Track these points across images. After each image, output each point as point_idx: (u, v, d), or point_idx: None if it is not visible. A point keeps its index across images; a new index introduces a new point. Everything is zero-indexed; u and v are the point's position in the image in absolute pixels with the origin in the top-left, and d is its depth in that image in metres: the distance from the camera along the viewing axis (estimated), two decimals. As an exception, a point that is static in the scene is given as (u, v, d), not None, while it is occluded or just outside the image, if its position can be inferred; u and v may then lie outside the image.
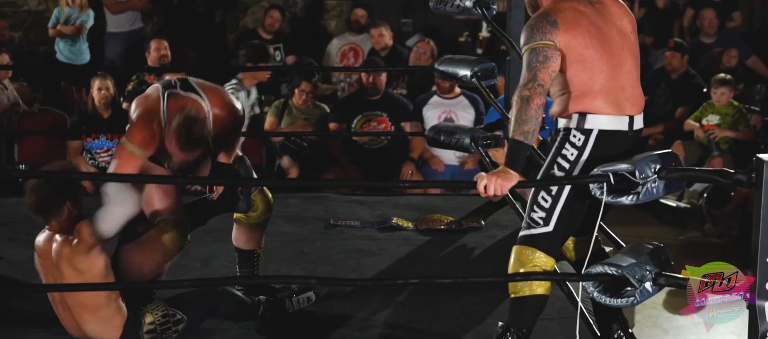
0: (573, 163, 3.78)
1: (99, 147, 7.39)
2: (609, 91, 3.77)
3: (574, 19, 3.76)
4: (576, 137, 3.78)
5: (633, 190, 3.62)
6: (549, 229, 3.77)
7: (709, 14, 9.82)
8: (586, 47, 3.75)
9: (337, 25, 10.37)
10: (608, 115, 3.77)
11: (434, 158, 7.65)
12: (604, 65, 3.76)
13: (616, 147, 3.78)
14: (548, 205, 3.77)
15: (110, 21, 9.45)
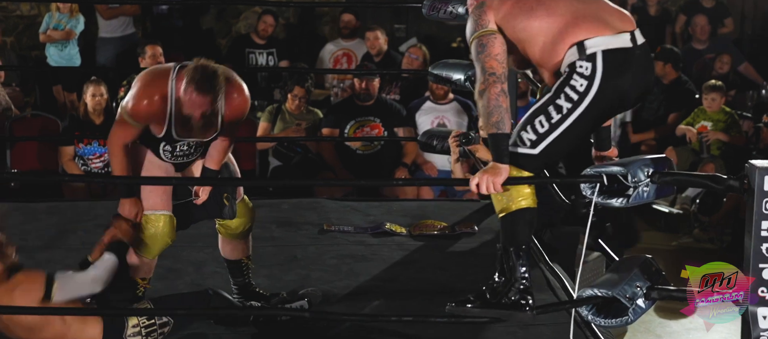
0: (582, 93, 3.68)
1: (91, 153, 7.38)
2: (586, 15, 3.70)
3: None
4: (582, 67, 3.68)
5: (624, 193, 3.62)
6: (534, 152, 3.74)
7: (701, 20, 9.84)
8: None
9: (331, 30, 10.37)
10: (605, 35, 3.69)
11: (427, 163, 7.65)
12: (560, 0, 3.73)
13: (625, 68, 3.68)
14: (542, 131, 3.72)
15: (102, 26, 9.44)
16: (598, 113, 3.72)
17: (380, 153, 7.66)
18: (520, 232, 3.77)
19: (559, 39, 3.70)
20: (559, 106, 3.69)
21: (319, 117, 7.83)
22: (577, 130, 3.71)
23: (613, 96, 3.68)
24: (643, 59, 3.75)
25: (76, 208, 6.03)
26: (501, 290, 3.80)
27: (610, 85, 3.66)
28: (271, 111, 7.83)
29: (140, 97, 4.08)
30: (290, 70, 8.53)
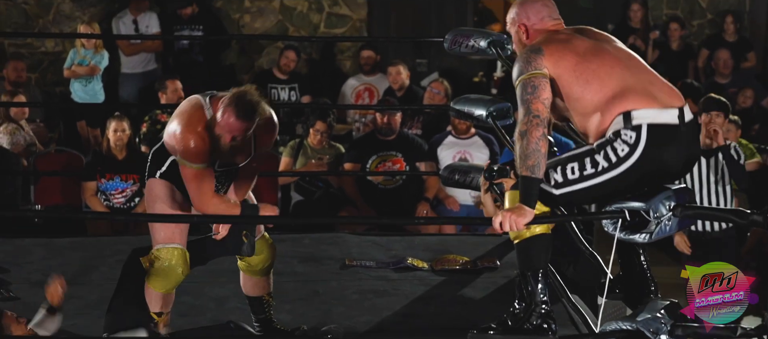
0: (621, 159, 3.68)
1: (114, 188, 7.40)
2: (636, 89, 3.71)
3: (560, 43, 3.79)
4: (627, 135, 3.68)
5: (646, 229, 3.60)
6: (554, 193, 3.76)
7: (724, 55, 9.82)
8: (580, 63, 3.73)
9: (352, 65, 10.41)
10: (652, 109, 3.69)
11: (449, 198, 7.64)
12: (614, 69, 3.73)
13: (670, 144, 3.68)
14: (570, 178, 3.73)
15: (124, 62, 9.52)
16: (634, 181, 3.72)
17: (402, 187, 7.65)
18: (535, 257, 3.78)
19: (606, 110, 3.72)
20: (596, 162, 3.71)
21: (341, 151, 7.84)
22: (605, 189, 3.73)
23: (653, 167, 3.68)
24: (689, 136, 3.76)
25: (98, 244, 6.04)
26: (522, 316, 3.80)
27: (651, 158, 3.67)
28: (293, 146, 7.85)
29: (189, 138, 4.09)
30: (312, 106, 8.56)
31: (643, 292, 3.99)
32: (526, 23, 3.96)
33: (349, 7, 10.42)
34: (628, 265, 4.03)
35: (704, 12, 10.70)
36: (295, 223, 7.39)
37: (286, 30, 10.29)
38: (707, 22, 10.69)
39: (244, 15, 10.32)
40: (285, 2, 10.35)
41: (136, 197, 7.40)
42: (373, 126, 7.97)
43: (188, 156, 4.10)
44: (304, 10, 10.37)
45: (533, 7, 3.96)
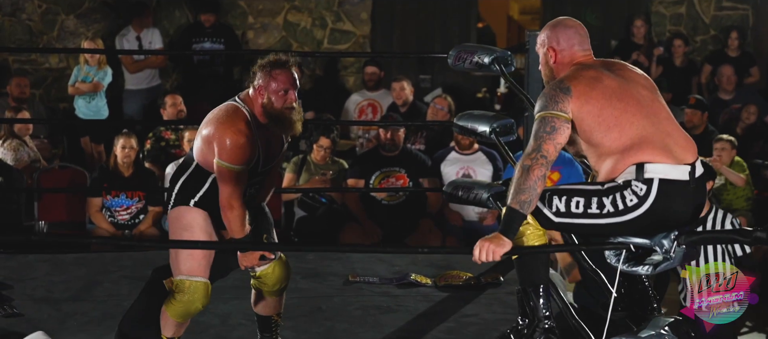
0: (628, 208, 3.68)
1: (119, 205, 7.41)
2: (653, 141, 3.71)
3: (589, 84, 3.76)
4: (638, 187, 3.68)
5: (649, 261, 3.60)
6: (552, 220, 3.77)
7: (728, 71, 9.82)
8: (605, 109, 3.72)
9: (356, 81, 10.42)
10: (666, 164, 3.69)
11: (453, 214, 7.64)
12: (635, 118, 3.72)
13: (678, 199, 3.69)
14: (573, 211, 3.74)
15: (128, 78, 9.54)
16: (636, 230, 3.72)
17: (405, 203, 7.66)
18: (536, 271, 3.79)
19: (621, 157, 3.72)
20: (602, 204, 3.71)
21: (345, 167, 7.84)
22: (604, 231, 3.74)
23: (658, 220, 3.68)
24: (696, 192, 3.76)
25: (102, 260, 6.04)
26: (526, 332, 3.80)
27: (658, 211, 3.67)
28: (297, 162, 7.86)
29: (234, 138, 4.07)
30: (315, 122, 8.56)
31: (645, 309, 3.99)
32: (555, 48, 3.94)
33: (352, 23, 10.44)
34: (630, 283, 4.03)
35: (708, 28, 10.72)
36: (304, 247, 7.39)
37: (289, 46, 10.32)
38: (710, 38, 10.70)
39: (247, 31, 10.35)
40: (289, 18, 10.38)
41: (140, 214, 7.40)
42: (376, 142, 7.98)
43: (228, 155, 4.08)
44: (307, 26, 10.39)
45: (565, 32, 3.95)
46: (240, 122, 4.10)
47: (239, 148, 4.07)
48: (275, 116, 4.12)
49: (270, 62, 4.13)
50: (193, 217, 4.24)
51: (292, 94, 4.12)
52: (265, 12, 10.36)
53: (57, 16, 10.11)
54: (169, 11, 10.18)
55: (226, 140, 4.07)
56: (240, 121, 4.10)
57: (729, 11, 10.68)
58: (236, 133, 4.08)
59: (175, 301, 4.24)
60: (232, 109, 4.14)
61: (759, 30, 10.72)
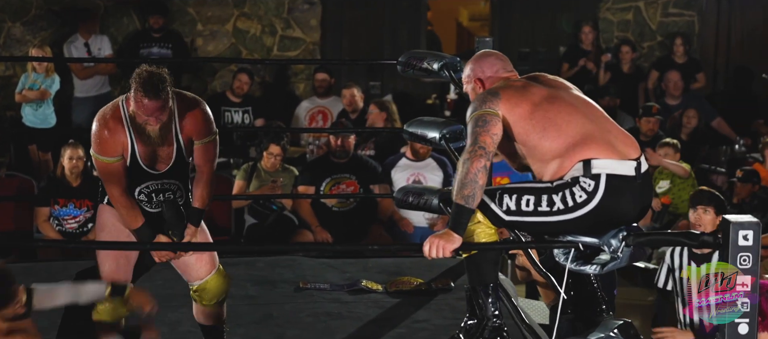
0: (577, 205, 3.70)
1: (67, 214, 7.35)
2: (595, 137, 3.74)
3: (516, 91, 3.82)
4: (586, 183, 3.70)
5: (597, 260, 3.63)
6: (503, 218, 3.79)
7: (674, 76, 9.92)
8: (535, 110, 3.76)
9: (306, 88, 10.42)
10: (612, 159, 3.71)
11: (403, 220, 7.66)
12: (571, 117, 3.76)
13: (625, 195, 3.71)
14: (523, 209, 3.75)
15: (77, 85, 9.47)
16: (586, 228, 3.74)
17: (356, 210, 7.66)
18: (485, 271, 3.82)
19: (565, 157, 3.74)
20: (552, 201, 3.73)
21: (295, 174, 7.83)
22: (554, 229, 3.75)
23: (607, 216, 3.71)
24: (643, 187, 3.79)
25: (50, 269, 5.98)
26: (474, 331, 3.82)
27: (606, 207, 3.69)
28: (247, 169, 7.83)
29: (99, 130, 4.15)
30: (265, 129, 8.55)
31: (594, 312, 4.02)
32: (481, 77, 4.00)
33: (302, 30, 10.44)
34: (579, 285, 4.06)
35: (654, 34, 10.83)
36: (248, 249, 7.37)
37: (239, 53, 10.29)
38: (657, 44, 10.82)
39: (196, 38, 10.31)
40: (238, 25, 10.35)
41: (89, 223, 7.34)
42: (326, 148, 7.98)
43: (98, 148, 4.16)
44: (257, 33, 10.37)
45: (488, 60, 4.02)
46: (110, 116, 4.16)
47: (101, 139, 4.14)
48: (137, 126, 4.14)
49: (141, 83, 4.05)
50: (106, 217, 4.31)
51: (153, 124, 4.08)
52: (214, 19, 10.32)
53: (3, 24, 10.01)
54: (117, 18, 10.12)
55: (93, 130, 4.17)
56: (110, 115, 4.17)
57: (675, 17, 10.80)
58: (102, 124, 4.16)
59: (100, 305, 4.23)
60: (111, 104, 4.23)
61: (704, 36, 10.85)
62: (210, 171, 4.31)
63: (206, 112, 4.26)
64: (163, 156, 4.21)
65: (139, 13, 10.06)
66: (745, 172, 7.83)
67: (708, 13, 10.78)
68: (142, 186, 4.22)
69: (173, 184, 4.27)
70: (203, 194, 4.30)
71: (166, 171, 4.24)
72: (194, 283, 4.41)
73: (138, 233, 4.22)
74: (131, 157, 4.16)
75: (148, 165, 4.19)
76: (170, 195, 4.27)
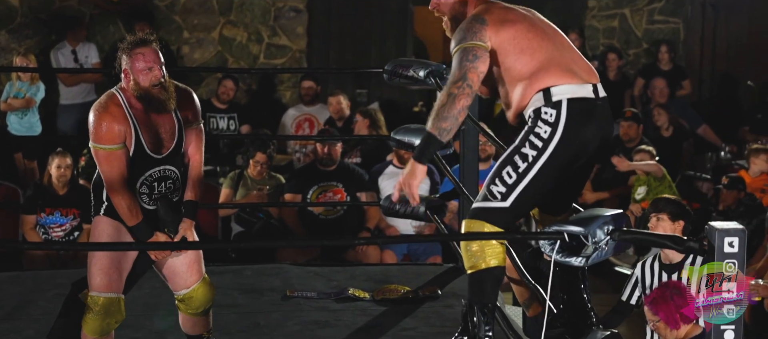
0: (546, 140, 3.72)
1: (53, 222, 7.33)
2: (559, 63, 3.77)
3: (501, 13, 3.83)
4: (547, 114, 3.73)
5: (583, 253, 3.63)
6: (505, 205, 3.75)
7: (660, 83, 9.96)
8: (518, 33, 3.78)
9: (292, 95, 10.42)
10: (571, 84, 3.75)
11: (390, 228, 7.66)
12: (544, 42, 3.79)
13: (588, 117, 3.75)
14: (511, 182, 3.73)
15: (63, 93, 9.45)
16: (563, 161, 3.75)
17: (343, 218, 7.66)
18: (487, 290, 3.77)
19: (528, 83, 3.77)
20: (525, 155, 3.73)
21: (282, 182, 7.83)
22: (545, 178, 3.73)
23: (576, 143, 3.73)
24: (604, 111, 3.83)
25: (37, 278, 5.96)
26: None
27: (574, 133, 3.71)
28: (233, 177, 7.83)
29: (99, 119, 4.15)
30: (252, 136, 8.54)
31: (584, 324, 4.02)
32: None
33: (288, 38, 10.44)
34: (569, 297, 4.06)
35: (640, 41, 10.87)
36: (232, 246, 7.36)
37: (225, 61, 10.29)
38: (643, 51, 10.85)
39: (183, 46, 10.30)
40: (224, 33, 10.35)
41: (75, 231, 7.33)
42: (313, 156, 7.97)
43: (98, 136, 4.15)
44: (243, 41, 10.37)
45: None
46: (109, 104, 4.18)
47: (104, 125, 4.13)
48: (144, 96, 4.18)
49: (131, 42, 4.19)
50: (102, 228, 4.28)
51: (158, 70, 4.15)
52: (200, 27, 10.32)
53: (-12, 32, 10.00)
54: (103, 26, 10.11)
55: (93, 121, 4.16)
56: (109, 103, 4.18)
57: (660, 25, 10.84)
58: (102, 113, 4.15)
59: (89, 318, 4.22)
60: (105, 95, 4.24)
61: (690, 44, 10.89)
62: (201, 161, 4.37)
63: (196, 97, 4.41)
64: (165, 136, 4.23)
65: (125, 21, 10.05)
66: (730, 179, 7.86)
67: (693, 21, 10.82)
68: (145, 175, 4.22)
69: (172, 171, 4.28)
70: (196, 185, 4.34)
71: (168, 155, 4.26)
72: (180, 292, 4.40)
73: (137, 230, 4.21)
74: (136, 143, 4.17)
75: (152, 149, 4.20)
76: (171, 184, 4.27)
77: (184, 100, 4.33)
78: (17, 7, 9.99)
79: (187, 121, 4.32)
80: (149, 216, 4.26)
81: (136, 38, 4.19)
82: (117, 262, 4.22)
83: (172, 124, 4.26)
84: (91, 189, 4.32)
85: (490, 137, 5.38)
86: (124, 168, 4.16)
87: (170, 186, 4.28)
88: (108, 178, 4.17)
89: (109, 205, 4.23)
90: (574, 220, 3.73)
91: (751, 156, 8.20)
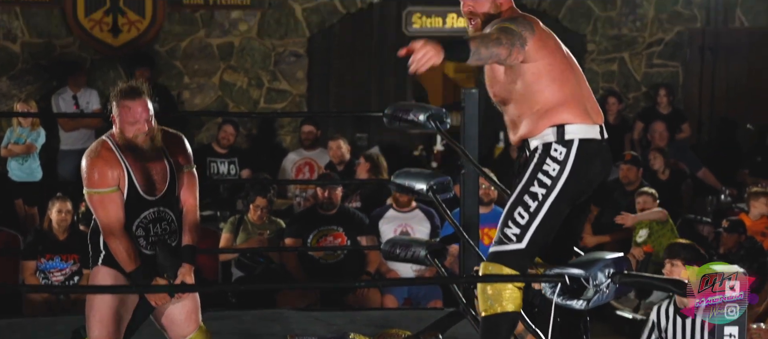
0: (555, 178, 3.74)
1: (53, 267, 7.31)
2: (578, 101, 3.79)
3: (545, 35, 3.80)
4: (557, 151, 3.75)
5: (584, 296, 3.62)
6: (521, 247, 3.75)
7: (660, 127, 9.96)
8: (554, 61, 3.77)
9: (292, 140, 10.43)
10: (584, 124, 3.77)
11: (391, 272, 7.64)
12: (570, 76, 3.79)
13: (594, 157, 3.77)
14: (524, 222, 3.73)
15: (63, 138, 9.46)
16: (569, 197, 3.77)
17: (343, 262, 7.64)
18: (502, 335, 3.75)
19: (545, 114, 3.78)
20: (534, 194, 3.74)
21: (282, 227, 7.82)
22: (555, 214, 3.75)
23: (582, 182, 3.76)
24: (608, 153, 3.87)
25: (36, 324, 5.94)
26: None
27: (581, 172, 3.74)
28: (234, 222, 7.82)
29: (92, 165, 4.20)
30: (252, 181, 8.54)
31: None
32: None
33: (288, 83, 10.47)
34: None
35: (639, 85, 10.89)
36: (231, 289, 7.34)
37: (226, 106, 10.32)
38: (642, 95, 10.88)
39: (183, 91, 10.33)
40: (225, 78, 10.38)
41: (75, 276, 7.31)
42: (313, 200, 7.97)
43: (91, 182, 4.18)
44: (244, 86, 10.40)
45: None
46: (100, 149, 4.23)
47: (97, 170, 4.19)
48: (127, 145, 4.20)
49: (120, 91, 4.22)
50: (102, 277, 4.29)
51: (142, 124, 4.17)
52: (200, 72, 10.35)
53: (-11, 78, 10.02)
54: (104, 71, 10.14)
55: (86, 168, 4.22)
56: (100, 149, 4.23)
57: (659, 68, 10.87)
58: (93, 158, 4.21)
59: None
60: (97, 141, 4.30)
61: (688, 87, 10.92)
62: (195, 204, 4.40)
63: (187, 142, 4.42)
64: (158, 177, 4.25)
65: (126, 67, 10.08)
66: (731, 222, 7.84)
67: (692, 64, 10.85)
68: (140, 218, 4.23)
69: (167, 213, 4.28)
70: (192, 229, 4.34)
71: (161, 196, 4.27)
72: None
73: (136, 275, 4.21)
74: (129, 185, 4.18)
75: (145, 191, 4.21)
76: (166, 225, 4.27)
77: (175, 144, 4.34)
78: (18, 54, 10.02)
79: (179, 166, 4.33)
80: (147, 261, 4.26)
81: (127, 88, 4.21)
82: (116, 312, 4.22)
83: (164, 166, 4.28)
84: (89, 238, 4.32)
85: (491, 180, 5.38)
86: (120, 211, 4.17)
87: (166, 228, 4.28)
88: (104, 223, 4.18)
89: (108, 254, 4.23)
90: (575, 262, 3.73)
91: (751, 199, 8.20)
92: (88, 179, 4.18)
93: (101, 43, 10.04)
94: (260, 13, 10.33)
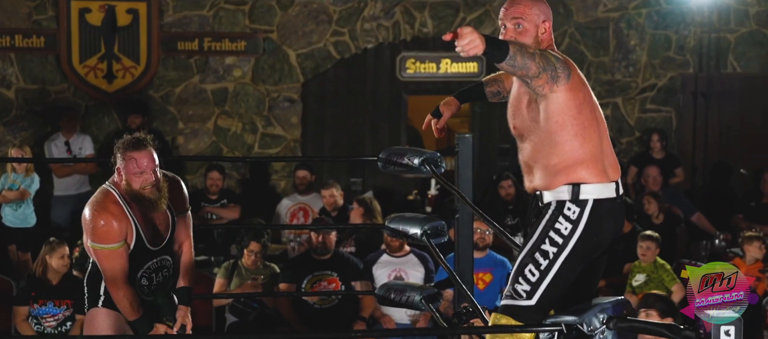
0: (567, 237, 3.70)
1: (46, 313, 7.28)
2: (597, 159, 3.73)
3: (582, 78, 3.75)
4: (570, 211, 3.71)
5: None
6: (531, 303, 3.72)
7: (653, 171, 9.98)
8: (584, 108, 3.72)
9: (287, 185, 10.43)
10: (600, 184, 3.72)
11: (385, 317, 7.62)
12: (594, 133, 3.74)
13: (607, 216, 3.72)
14: (534, 280, 3.71)
15: (57, 184, 9.46)
16: (581, 255, 3.74)
17: (338, 307, 7.62)
18: None
19: (563, 169, 3.73)
20: (545, 252, 3.72)
21: (276, 272, 7.80)
22: (566, 273, 3.72)
23: (594, 241, 3.73)
24: (621, 209, 3.82)
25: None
26: None
27: (593, 231, 3.71)
28: (228, 267, 7.80)
29: (98, 218, 4.14)
30: (246, 226, 8.53)
31: None
32: (548, 25, 3.83)
33: (282, 128, 10.48)
34: None
35: (632, 130, 10.92)
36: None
37: (220, 151, 10.32)
38: (635, 140, 10.90)
39: (177, 136, 10.34)
40: (219, 123, 10.40)
41: (67, 322, 7.28)
42: (308, 245, 7.96)
43: (98, 236, 4.14)
44: (238, 131, 10.41)
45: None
46: (107, 202, 4.20)
47: (105, 227, 4.16)
48: (134, 196, 4.17)
49: (126, 143, 4.23)
50: (101, 319, 4.29)
51: (149, 175, 4.16)
52: (195, 117, 10.36)
53: (-18, 125, 10.03)
54: (98, 117, 10.14)
55: (92, 221, 4.18)
56: (107, 202, 4.21)
57: (653, 113, 10.91)
58: (101, 212, 4.18)
59: None
60: (100, 192, 4.27)
61: (682, 132, 10.95)
62: (191, 246, 4.43)
63: (183, 185, 4.47)
64: (161, 228, 4.27)
65: (120, 112, 10.09)
66: (725, 266, 7.82)
67: (685, 109, 10.89)
68: (145, 268, 4.23)
69: (168, 260, 4.30)
70: (188, 271, 4.36)
71: (163, 245, 4.29)
72: None
73: (139, 325, 4.20)
74: (136, 238, 4.19)
75: (150, 242, 4.22)
76: (167, 272, 4.28)
77: (173, 189, 4.36)
78: (12, 100, 10.04)
79: (177, 209, 4.35)
80: (147, 307, 4.27)
81: (132, 139, 4.22)
82: None
83: (166, 216, 4.30)
84: (85, 282, 4.31)
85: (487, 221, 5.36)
86: (126, 264, 4.17)
87: (166, 274, 4.29)
88: (110, 276, 4.16)
89: (107, 298, 4.22)
90: (571, 309, 3.72)
91: (745, 244, 8.19)
92: (93, 233, 4.15)
93: (96, 89, 10.06)
94: (255, 59, 10.37)
